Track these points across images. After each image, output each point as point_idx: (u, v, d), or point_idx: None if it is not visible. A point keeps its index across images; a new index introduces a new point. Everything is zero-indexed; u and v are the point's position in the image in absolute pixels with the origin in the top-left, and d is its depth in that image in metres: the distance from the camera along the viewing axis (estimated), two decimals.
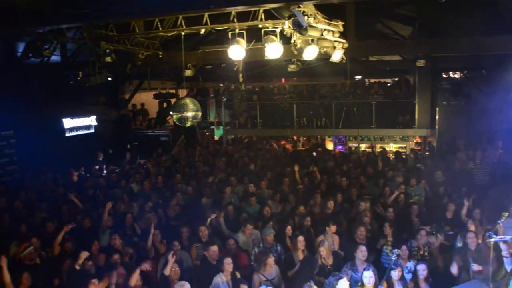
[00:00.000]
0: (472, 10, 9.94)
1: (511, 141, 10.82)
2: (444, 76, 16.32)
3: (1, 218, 8.58)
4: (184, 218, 8.84)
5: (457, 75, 16.68)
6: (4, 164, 12.80)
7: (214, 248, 6.82)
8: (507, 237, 4.18)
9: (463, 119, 13.38)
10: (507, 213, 5.85)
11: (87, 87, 15.42)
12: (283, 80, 19.39)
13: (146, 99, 19.80)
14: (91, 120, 16.00)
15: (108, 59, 12.55)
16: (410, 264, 6.46)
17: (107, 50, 12.43)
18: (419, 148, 15.68)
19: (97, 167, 13.81)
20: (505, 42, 9.69)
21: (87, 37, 10.18)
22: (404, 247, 6.56)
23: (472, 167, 10.71)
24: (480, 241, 6.59)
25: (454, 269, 6.25)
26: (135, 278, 6.04)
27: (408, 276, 6.24)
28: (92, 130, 16.02)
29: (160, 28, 10.35)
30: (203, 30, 9.70)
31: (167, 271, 6.41)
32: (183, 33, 10.08)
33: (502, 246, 5.52)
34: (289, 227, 7.67)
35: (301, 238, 7.09)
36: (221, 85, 19.00)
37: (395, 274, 5.84)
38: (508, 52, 10.37)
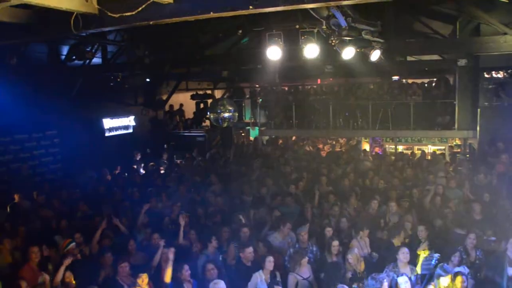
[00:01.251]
0: None
1: None
2: (486, 75, 15.82)
3: (44, 214, 8.92)
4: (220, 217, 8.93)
5: (500, 75, 16.13)
6: (48, 162, 13.31)
7: (250, 250, 6.83)
8: None
9: (506, 120, 12.93)
10: None
11: (126, 88, 15.94)
12: (318, 80, 19.28)
13: (184, 100, 20.14)
14: (130, 121, 16.42)
15: (146, 60, 12.92)
16: (461, 269, 6.15)
17: (146, 52, 12.79)
18: (459, 150, 15.26)
19: (135, 166, 14.14)
20: None
21: (127, 40, 10.41)
22: (457, 253, 6.38)
23: None
24: None
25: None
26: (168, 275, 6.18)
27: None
28: (131, 130, 16.43)
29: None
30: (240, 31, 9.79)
31: (156, 259, 6.65)
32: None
33: None
34: (329, 229, 7.61)
35: (335, 243, 7.04)
36: (257, 85, 19.10)
37: (444, 280, 5.66)
38: None
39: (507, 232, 7.00)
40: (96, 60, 13.57)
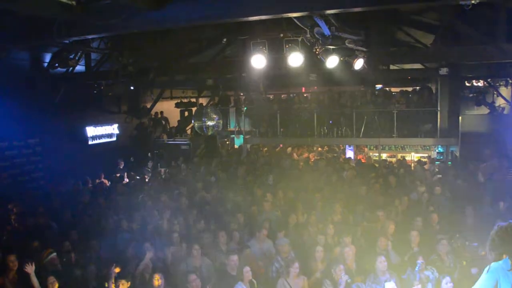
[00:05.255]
0: (495, 17, 9.79)
1: None
2: (468, 84, 16.12)
3: (25, 223, 8.78)
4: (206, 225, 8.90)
5: (480, 84, 16.45)
6: (30, 171, 13.08)
7: (234, 258, 6.81)
8: None
9: (487, 127, 13.17)
10: None
11: (110, 96, 15.83)
12: (303, 89, 19.40)
13: (168, 108, 20.04)
14: (113, 129, 16.28)
15: (131, 68, 12.84)
16: (428, 273, 6.23)
17: (130, 60, 12.73)
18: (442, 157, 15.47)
19: (118, 175, 14.01)
20: None
21: (111, 48, 10.35)
22: (420, 257, 6.45)
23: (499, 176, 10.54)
24: None
25: None
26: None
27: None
28: (114, 139, 16.29)
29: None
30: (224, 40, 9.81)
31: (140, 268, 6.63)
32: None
33: None
34: (311, 240, 7.63)
35: (319, 249, 7.10)
36: (242, 94, 19.14)
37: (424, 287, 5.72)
38: None
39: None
40: (80, 67, 13.45)
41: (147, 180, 13.49)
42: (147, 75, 14.46)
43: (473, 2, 5.77)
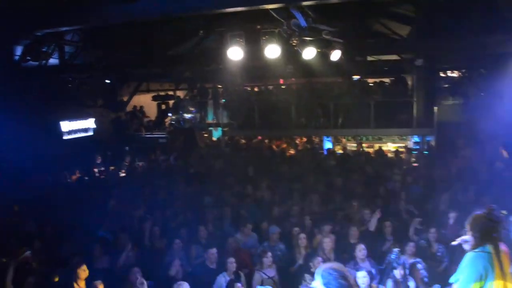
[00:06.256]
0: (469, 9, 9.95)
1: (510, 139, 10.89)
2: (443, 75, 16.34)
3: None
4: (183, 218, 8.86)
5: (455, 74, 16.70)
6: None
7: (213, 251, 6.88)
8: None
9: (462, 117, 13.41)
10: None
11: (85, 90, 15.51)
12: (281, 80, 19.38)
13: (145, 101, 19.81)
14: (90, 123, 15.99)
15: (106, 61, 12.62)
16: (406, 259, 6.34)
17: (106, 53, 12.50)
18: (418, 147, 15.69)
19: (96, 169, 13.80)
20: (502, 41, 9.70)
21: (85, 40, 10.14)
22: (411, 243, 6.55)
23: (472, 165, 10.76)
24: None
25: None
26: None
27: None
28: (91, 133, 16.01)
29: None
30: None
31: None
32: None
33: None
34: (296, 228, 7.70)
35: (303, 236, 7.19)
36: (220, 86, 19.02)
37: (397, 273, 5.82)
38: (505, 51, 10.40)
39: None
40: (53, 61, 13.13)
41: (124, 174, 13.34)
42: (123, 68, 14.26)
43: None
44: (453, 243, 4.46)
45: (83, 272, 6.02)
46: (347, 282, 3.20)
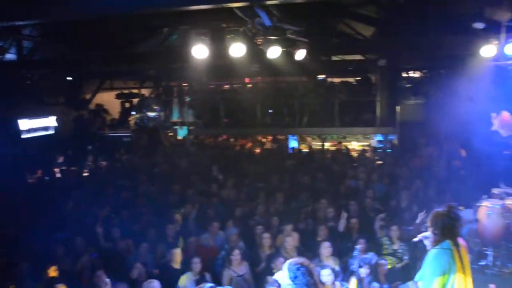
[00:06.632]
0: (429, 12, 10.22)
1: (469, 137, 11.25)
2: (405, 75, 16.72)
3: None
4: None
5: (417, 75, 17.12)
6: None
7: (176, 251, 6.85)
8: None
9: (423, 117, 13.76)
10: None
11: (45, 87, 15.05)
12: (247, 79, 19.37)
13: (109, 99, 19.42)
14: (50, 121, 15.51)
15: (67, 57, 12.29)
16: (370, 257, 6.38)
17: (67, 49, 12.17)
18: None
19: (57, 169, 13.42)
20: (459, 42, 10.01)
21: (45, 35, 9.84)
22: (362, 240, 6.67)
23: (432, 163, 11.06)
24: None
25: None
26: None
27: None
28: (52, 131, 15.54)
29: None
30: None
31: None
32: None
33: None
34: (259, 227, 7.73)
35: (266, 235, 7.21)
36: (185, 84, 18.84)
37: (362, 271, 5.90)
38: (463, 53, 10.73)
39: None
40: (11, 56, 12.68)
41: (86, 174, 13.04)
42: (85, 65, 13.90)
43: None
44: (415, 239, 4.61)
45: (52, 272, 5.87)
46: (313, 279, 3.24)
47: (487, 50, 8.64)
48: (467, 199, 7.24)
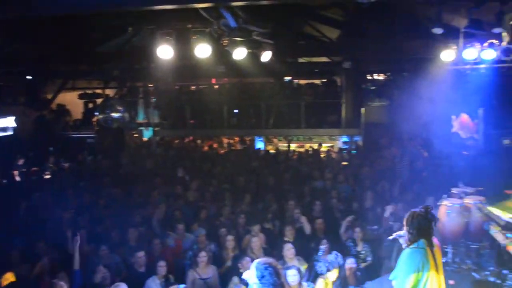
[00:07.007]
0: (393, 16, 10.43)
1: (430, 138, 11.58)
2: (369, 77, 17.04)
3: None
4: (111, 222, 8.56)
5: (381, 77, 17.46)
6: None
7: (141, 254, 6.73)
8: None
9: (387, 118, 14.07)
10: None
11: (3, 86, 14.53)
12: (213, 80, 19.29)
13: (71, 99, 18.93)
14: (9, 122, 14.97)
15: (27, 56, 11.88)
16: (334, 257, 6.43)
17: (27, 47, 11.77)
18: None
19: (16, 172, 12.98)
20: (421, 46, 10.28)
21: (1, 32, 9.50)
22: (324, 240, 6.72)
23: (395, 163, 11.32)
24: None
25: None
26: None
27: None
28: (10, 132, 15.01)
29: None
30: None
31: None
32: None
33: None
34: (223, 229, 7.70)
35: (230, 237, 7.21)
36: (150, 85, 18.59)
37: (331, 275, 5.93)
38: (425, 56, 11.02)
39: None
40: None
41: (48, 176, 12.67)
42: (46, 64, 13.50)
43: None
44: (389, 237, 4.73)
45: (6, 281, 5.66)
46: (279, 280, 3.25)
47: (447, 55, 8.93)
48: (428, 199, 7.43)
